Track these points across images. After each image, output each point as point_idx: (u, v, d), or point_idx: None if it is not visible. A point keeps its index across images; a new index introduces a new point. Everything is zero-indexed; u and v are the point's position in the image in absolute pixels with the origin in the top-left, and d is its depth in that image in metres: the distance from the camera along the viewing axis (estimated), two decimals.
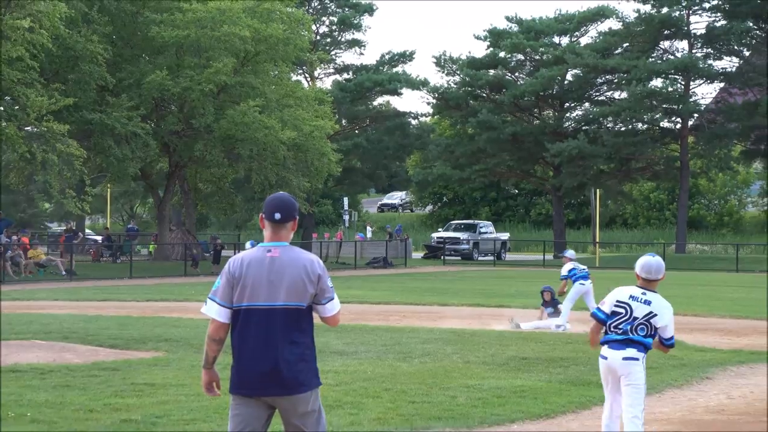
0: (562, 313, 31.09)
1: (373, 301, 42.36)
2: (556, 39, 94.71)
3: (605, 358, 12.77)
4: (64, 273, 54.27)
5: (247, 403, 10.01)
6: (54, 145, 58.34)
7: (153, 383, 19.40)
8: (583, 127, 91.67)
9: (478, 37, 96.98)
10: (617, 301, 12.77)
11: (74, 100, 59.44)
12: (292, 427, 10.09)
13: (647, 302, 12.76)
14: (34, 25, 55.68)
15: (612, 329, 12.72)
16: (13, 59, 55.90)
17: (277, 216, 10.45)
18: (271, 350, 9.91)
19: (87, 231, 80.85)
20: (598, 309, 12.89)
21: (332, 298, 10.22)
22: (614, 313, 12.72)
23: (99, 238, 77.62)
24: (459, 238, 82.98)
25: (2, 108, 59.53)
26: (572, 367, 20.64)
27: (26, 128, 58.94)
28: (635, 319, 12.79)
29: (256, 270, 10.14)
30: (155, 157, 67.89)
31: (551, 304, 31.81)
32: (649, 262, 13.00)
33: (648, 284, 12.90)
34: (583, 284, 30.73)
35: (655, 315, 12.75)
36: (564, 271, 31.10)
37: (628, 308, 12.73)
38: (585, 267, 32.48)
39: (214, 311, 10.24)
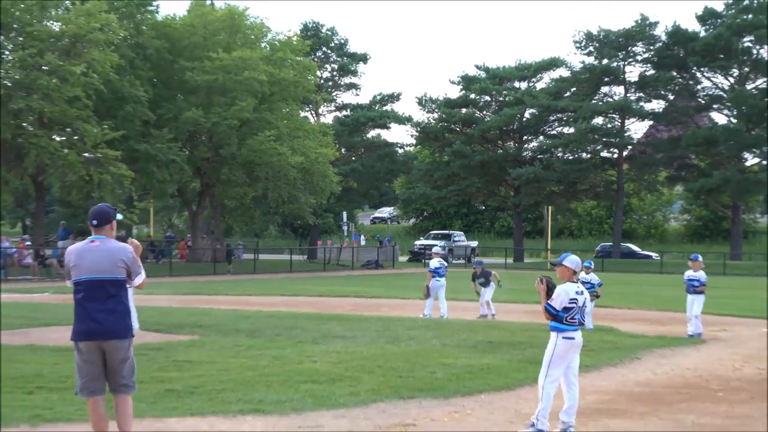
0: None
1: (368, 296, 42.64)
2: (516, 84, 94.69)
3: (572, 338, 13.14)
4: None
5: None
6: (107, 168, 58.46)
7: (190, 360, 19.59)
8: (538, 156, 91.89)
9: (452, 82, 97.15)
10: (570, 299, 13.06)
11: (123, 133, 59.58)
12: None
13: (581, 292, 13.26)
14: (88, 70, 55.87)
15: (570, 319, 13.10)
16: (71, 98, 56.05)
17: (94, 222, 11.75)
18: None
19: (134, 238, 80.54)
20: (551, 307, 13.02)
21: (139, 273, 12.13)
22: (569, 308, 13.08)
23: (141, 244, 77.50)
24: (437, 245, 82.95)
25: (64, 138, 59.56)
26: (528, 349, 20.83)
27: (84, 154, 58.96)
28: (581, 308, 13.20)
29: (86, 252, 11.52)
30: (189, 179, 67.88)
31: (482, 274, 32.14)
32: (577, 261, 13.60)
33: (574, 276, 13.39)
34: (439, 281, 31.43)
35: (586, 299, 13.42)
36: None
37: (579, 302, 13.16)
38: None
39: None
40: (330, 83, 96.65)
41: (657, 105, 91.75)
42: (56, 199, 67.34)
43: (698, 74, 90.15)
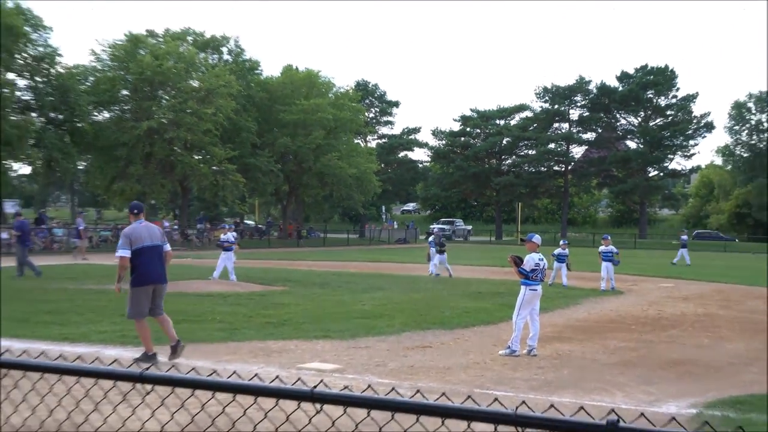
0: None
1: (398, 261, 42.42)
2: (497, 121, 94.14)
3: (535, 290, 13.33)
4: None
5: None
6: (228, 176, 58.63)
7: (282, 303, 19.65)
8: (512, 169, 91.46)
9: (455, 119, 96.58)
10: (535, 264, 13.29)
11: (238, 152, 59.76)
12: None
13: (543, 260, 13.26)
14: (216, 112, 56.15)
15: (534, 277, 13.25)
16: (205, 130, 56.28)
17: (135, 211, 12.07)
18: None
19: (246, 223, 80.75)
20: (523, 269, 13.26)
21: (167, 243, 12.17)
22: (533, 270, 13.22)
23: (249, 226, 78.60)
24: (445, 228, 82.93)
25: (200, 156, 59.87)
26: (506, 297, 20.70)
27: (213, 167, 59.19)
28: (543, 270, 13.29)
29: (142, 230, 11.77)
30: (281, 183, 67.98)
31: (439, 243, 31.40)
32: (540, 239, 13.94)
33: (537, 249, 13.51)
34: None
35: (545, 265, 13.50)
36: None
37: (540, 265, 13.19)
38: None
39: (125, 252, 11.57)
40: (374, 120, 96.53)
41: (590, 136, 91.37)
42: (195, 197, 67.54)
43: (617, 115, 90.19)
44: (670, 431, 2.23)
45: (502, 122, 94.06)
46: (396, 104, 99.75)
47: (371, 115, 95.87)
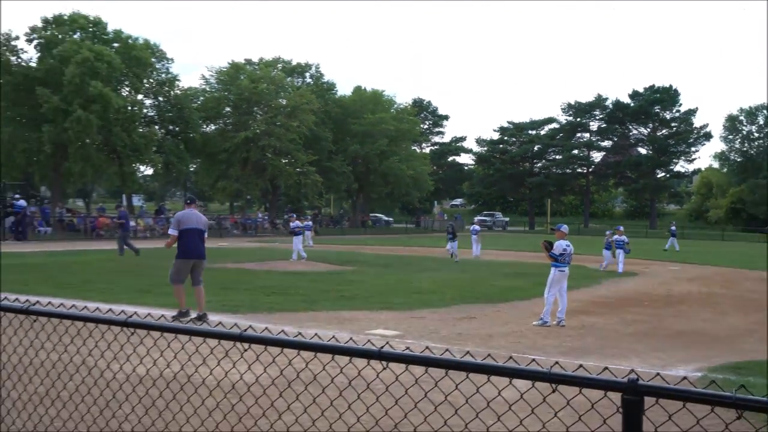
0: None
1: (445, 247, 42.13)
2: (529, 131, 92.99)
3: (564, 271, 13.10)
4: (311, 243, 46.25)
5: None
6: (309, 176, 58.93)
7: (352, 280, 19.69)
8: (542, 171, 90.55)
9: (494, 130, 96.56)
10: (563, 249, 13.08)
11: (317, 157, 60.08)
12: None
13: (569, 246, 13.03)
14: (300, 124, 56.50)
15: (562, 260, 13.03)
16: (291, 139, 56.67)
17: (188, 201, 12.88)
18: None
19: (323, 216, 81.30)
20: (553, 253, 13.10)
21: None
22: (561, 254, 12.99)
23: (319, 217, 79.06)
24: (486, 220, 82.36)
25: (286, 160, 60.30)
26: (538, 277, 20.46)
27: (297, 169, 59.60)
28: (570, 254, 13.06)
29: (190, 215, 12.32)
30: (352, 182, 68.18)
31: (452, 232, 30.32)
32: (567, 228, 13.67)
33: (565, 237, 13.19)
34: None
35: (571, 250, 13.22)
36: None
37: (567, 250, 12.98)
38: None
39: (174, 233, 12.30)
40: (428, 130, 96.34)
41: (608, 143, 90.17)
42: (282, 193, 68.13)
43: (630, 127, 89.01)
44: (683, 389, 2.15)
45: (533, 132, 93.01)
46: (446, 117, 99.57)
47: (425, 126, 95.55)
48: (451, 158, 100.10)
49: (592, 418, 2.70)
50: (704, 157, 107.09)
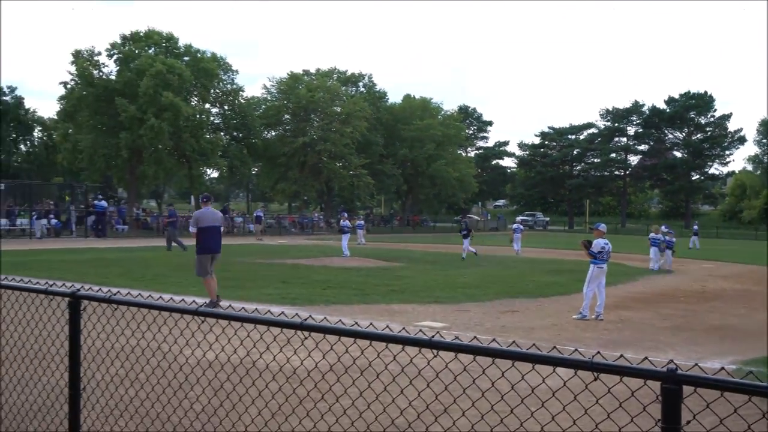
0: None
1: (490, 245, 41.60)
2: (569, 135, 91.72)
3: (602, 267, 12.92)
4: (363, 241, 38.54)
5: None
6: (361, 179, 59.09)
7: (402, 275, 19.64)
8: (581, 174, 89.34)
9: (536, 134, 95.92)
10: (601, 247, 12.86)
11: (369, 160, 60.24)
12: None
13: (607, 244, 12.80)
14: (353, 130, 56.68)
15: (601, 257, 12.84)
16: (345, 144, 56.93)
17: (204, 200, 13.02)
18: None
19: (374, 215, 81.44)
20: (591, 251, 12.90)
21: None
22: (600, 252, 12.77)
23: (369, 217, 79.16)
24: (528, 219, 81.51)
25: (340, 164, 60.57)
26: (577, 273, 20.15)
27: (350, 172, 59.81)
28: (608, 252, 12.85)
29: (207, 214, 12.64)
30: (402, 184, 68.19)
31: (466, 229, 28.39)
32: (605, 227, 13.50)
33: (603, 236, 12.95)
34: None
35: (609, 248, 12.99)
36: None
37: (606, 248, 12.76)
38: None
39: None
40: (473, 136, 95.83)
41: (644, 147, 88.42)
42: (336, 194, 68.46)
43: (666, 131, 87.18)
44: (720, 378, 2.10)
45: (573, 137, 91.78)
46: (490, 123, 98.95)
47: (470, 131, 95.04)
48: (494, 162, 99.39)
49: (632, 405, 2.66)
50: (738, 160, 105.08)
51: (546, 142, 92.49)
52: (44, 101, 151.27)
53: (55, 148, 55.33)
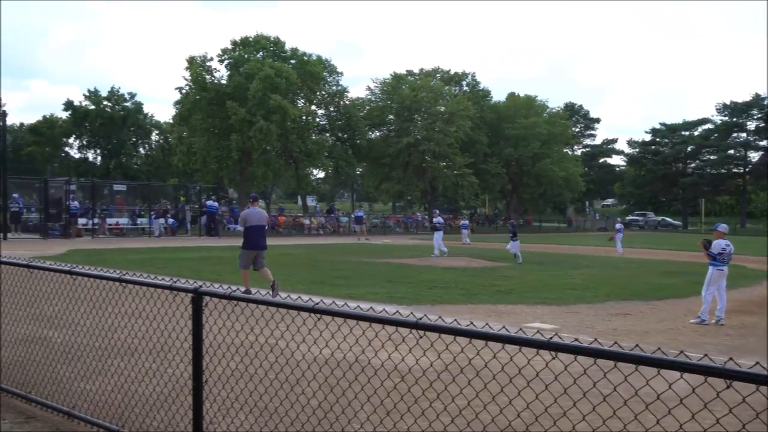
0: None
1: (600, 245, 38.89)
2: (682, 132, 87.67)
3: (722, 270, 12.45)
4: (468, 241, 37.45)
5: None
6: (465, 178, 58.78)
7: (508, 276, 19.40)
8: (696, 171, 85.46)
9: (646, 132, 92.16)
10: (722, 248, 12.36)
11: (473, 160, 59.88)
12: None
13: (729, 245, 12.20)
14: (457, 129, 56.47)
15: (721, 259, 12.35)
16: (449, 144, 56.82)
17: (251, 199, 14.44)
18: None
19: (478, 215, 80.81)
20: (711, 252, 12.43)
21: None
22: (720, 253, 12.24)
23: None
24: (638, 219, 78.70)
25: (444, 163, 60.46)
26: (692, 275, 19.17)
27: (454, 171, 59.66)
28: (730, 254, 12.25)
29: (253, 213, 13.64)
30: (506, 184, 67.37)
31: (512, 231, 26.35)
32: (726, 227, 12.93)
33: (724, 237, 12.38)
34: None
35: (731, 249, 12.44)
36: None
37: (727, 250, 12.18)
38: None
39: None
40: (579, 133, 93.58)
41: (766, 142, 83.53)
42: (440, 194, 68.32)
43: None
44: None
45: (686, 133, 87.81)
46: (597, 120, 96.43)
47: (577, 129, 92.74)
48: (602, 160, 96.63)
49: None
50: None
51: (657, 139, 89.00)
52: (161, 105, 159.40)
53: (171, 150, 58.13)
